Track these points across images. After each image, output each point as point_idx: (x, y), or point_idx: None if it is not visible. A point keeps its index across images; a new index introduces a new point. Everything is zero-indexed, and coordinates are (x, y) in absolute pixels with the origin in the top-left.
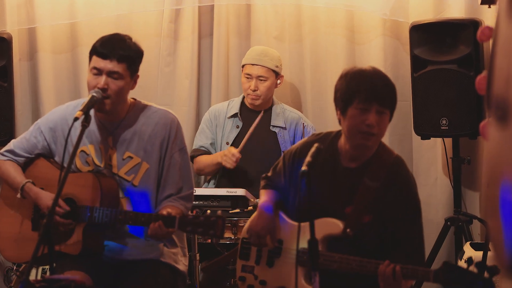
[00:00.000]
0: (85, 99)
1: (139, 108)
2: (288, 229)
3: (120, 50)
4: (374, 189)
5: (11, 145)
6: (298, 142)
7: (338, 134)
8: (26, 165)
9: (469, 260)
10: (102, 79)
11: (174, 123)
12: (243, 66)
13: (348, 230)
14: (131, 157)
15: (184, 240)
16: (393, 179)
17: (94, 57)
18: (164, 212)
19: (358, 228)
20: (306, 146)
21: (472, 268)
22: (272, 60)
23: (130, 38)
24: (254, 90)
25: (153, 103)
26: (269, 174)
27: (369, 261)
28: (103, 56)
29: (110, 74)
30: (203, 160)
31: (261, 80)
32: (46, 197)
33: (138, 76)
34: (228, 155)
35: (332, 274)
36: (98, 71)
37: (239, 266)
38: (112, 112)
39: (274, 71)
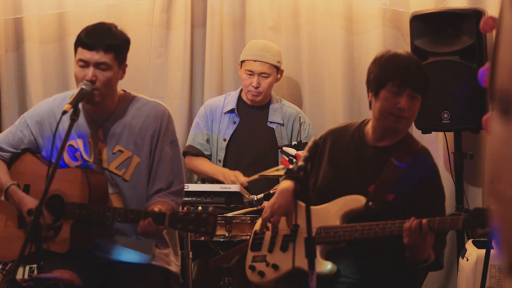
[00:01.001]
0: (73, 91)
1: (129, 100)
2: (303, 215)
3: (106, 40)
4: (400, 168)
5: None
6: (323, 133)
7: (365, 121)
8: (12, 160)
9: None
10: (90, 71)
11: (165, 115)
12: (242, 61)
13: (370, 203)
14: (121, 151)
15: (176, 239)
16: (419, 165)
17: (80, 49)
18: (155, 209)
19: (381, 205)
20: (331, 132)
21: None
22: (274, 56)
23: (115, 27)
24: (256, 87)
25: (144, 95)
26: (291, 167)
27: (393, 222)
28: (89, 47)
29: (98, 65)
30: (201, 167)
31: (264, 76)
32: (29, 204)
33: (126, 65)
34: (234, 180)
35: (351, 250)
36: (85, 63)
37: (249, 257)
38: (101, 104)
39: (276, 66)
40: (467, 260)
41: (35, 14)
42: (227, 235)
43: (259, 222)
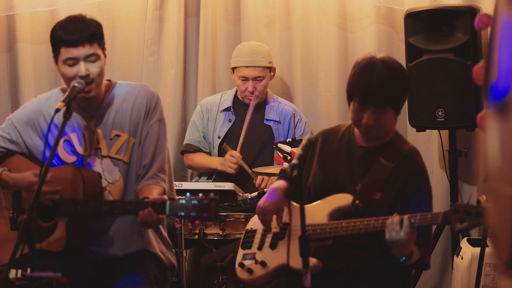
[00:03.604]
0: (57, 89)
1: (115, 86)
2: (294, 212)
3: (86, 31)
4: (388, 168)
5: None
6: (316, 133)
7: None
8: (1, 161)
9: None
10: (82, 66)
11: (154, 96)
12: (234, 67)
13: (357, 201)
14: (118, 135)
15: (166, 234)
16: (407, 165)
17: (64, 49)
18: (151, 197)
19: (368, 203)
20: (321, 133)
21: (481, 201)
22: (265, 57)
23: (85, 16)
24: (252, 92)
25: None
26: (284, 167)
27: (376, 218)
28: (74, 44)
29: (87, 58)
30: (198, 161)
31: (258, 80)
32: (26, 176)
33: (106, 49)
34: (228, 159)
35: (339, 244)
36: (74, 60)
37: (240, 255)
38: (95, 95)
39: (268, 67)
40: (462, 258)
41: (27, 11)
42: (221, 233)
43: (252, 220)
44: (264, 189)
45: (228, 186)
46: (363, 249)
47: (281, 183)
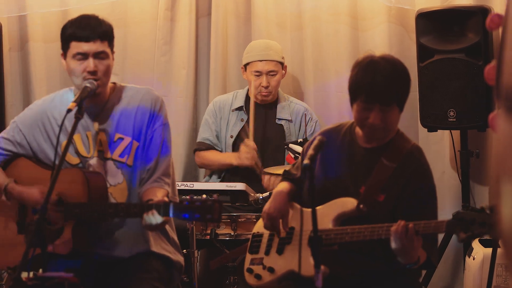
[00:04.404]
0: (62, 90)
1: (120, 89)
2: (300, 216)
3: (99, 28)
4: (390, 169)
5: None
6: (317, 134)
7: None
8: (5, 166)
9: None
10: (91, 62)
11: (159, 99)
12: (247, 64)
13: (361, 206)
14: (121, 138)
15: (175, 232)
16: (409, 164)
17: (74, 43)
18: (155, 199)
19: (372, 206)
20: (323, 134)
21: (485, 209)
22: (277, 52)
23: (97, 16)
24: (266, 86)
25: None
26: (288, 168)
27: (381, 225)
28: (85, 39)
29: (97, 55)
30: (211, 157)
31: (271, 74)
32: (32, 193)
33: (114, 52)
34: (245, 149)
35: (343, 251)
36: (83, 56)
37: (247, 260)
38: (100, 95)
39: (280, 62)
40: (474, 259)
41: (38, 11)
42: (232, 233)
43: (258, 224)
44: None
45: (239, 186)
46: (369, 254)
47: (284, 186)
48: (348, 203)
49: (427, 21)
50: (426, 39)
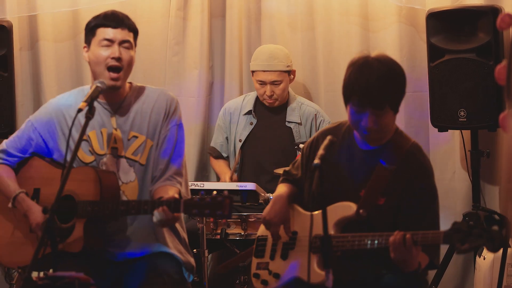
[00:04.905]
0: (78, 89)
1: (137, 88)
2: (302, 220)
3: (127, 20)
4: (390, 171)
5: (3, 145)
6: (316, 133)
7: None
8: (19, 165)
9: (476, 217)
10: (116, 49)
11: (174, 100)
12: (253, 71)
13: (361, 211)
14: (136, 136)
15: (184, 235)
16: (409, 164)
17: (102, 29)
18: (165, 196)
19: (372, 210)
20: (323, 136)
21: (482, 221)
22: (282, 61)
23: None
24: (271, 96)
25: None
26: (288, 168)
27: (381, 234)
28: (114, 26)
29: (122, 43)
30: (215, 168)
31: (276, 84)
32: (37, 212)
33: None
34: (226, 179)
35: (346, 257)
36: (110, 41)
37: (254, 264)
38: (120, 90)
39: (286, 71)
40: (484, 259)
41: (49, 12)
42: (243, 233)
43: (262, 226)
44: None
45: (250, 186)
46: (371, 260)
47: (284, 190)
48: (348, 208)
49: (438, 21)
50: (437, 39)
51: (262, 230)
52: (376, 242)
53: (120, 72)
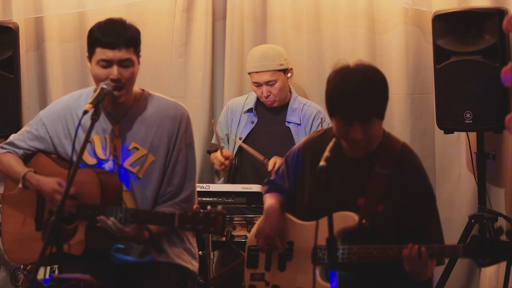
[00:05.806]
0: (89, 88)
1: (146, 97)
2: (298, 230)
3: (125, 36)
4: (386, 176)
5: (11, 138)
6: (298, 143)
7: None
8: (25, 161)
9: (499, 230)
10: (114, 70)
11: (184, 116)
12: (249, 73)
13: (363, 221)
14: (137, 148)
15: (193, 240)
16: (402, 167)
17: (99, 49)
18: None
19: (373, 218)
20: (308, 144)
21: (503, 237)
22: (274, 61)
23: (125, 20)
24: (267, 96)
25: (163, 95)
26: (272, 178)
27: (390, 247)
28: (110, 46)
29: (121, 62)
30: (212, 159)
31: (270, 84)
32: (49, 182)
33: (140, 56)
34: (218, 156)
35: (351, 268)
36: (108, 63)
37: (247, 276)
38: (124, 102)
39: (280, 70)
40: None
41: (55, 13)
42: (248, 235)
43: (251, 236)
44: None
45: (255, 188)
46: (375, 270)
47: (274, 201)
48: (349, 218)
49: (444, 22)
50: (443, 41)
51: (252, 239)
52: (387, 254)
53: (121, 90)
